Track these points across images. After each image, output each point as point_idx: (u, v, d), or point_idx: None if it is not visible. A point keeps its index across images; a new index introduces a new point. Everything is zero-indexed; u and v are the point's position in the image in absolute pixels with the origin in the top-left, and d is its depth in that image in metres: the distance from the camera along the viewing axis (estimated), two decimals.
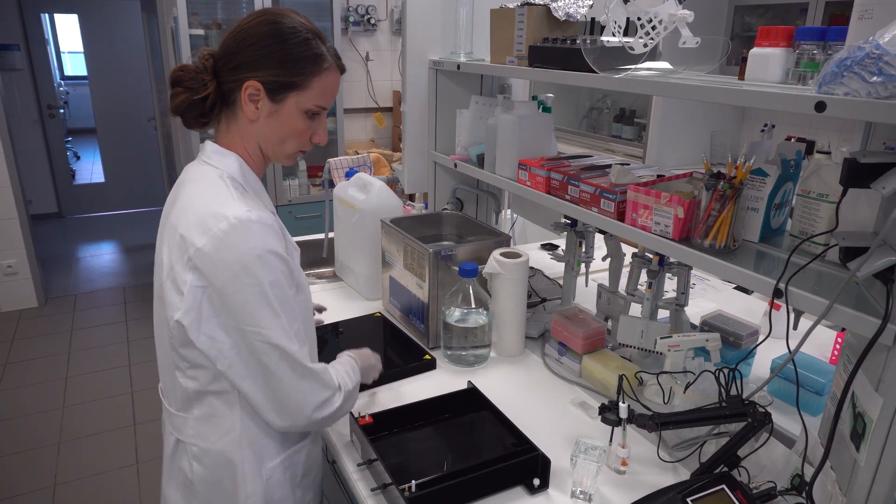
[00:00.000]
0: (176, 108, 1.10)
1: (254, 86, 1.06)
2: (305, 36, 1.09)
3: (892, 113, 0.84)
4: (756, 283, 1.08)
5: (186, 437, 1.14)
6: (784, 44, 1.16)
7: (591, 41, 1.40)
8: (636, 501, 1.16)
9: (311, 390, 1.09)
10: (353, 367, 1.27)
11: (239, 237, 0.99)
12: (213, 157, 1.11)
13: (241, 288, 0.99)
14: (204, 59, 1.09)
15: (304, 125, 1.12)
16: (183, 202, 1.07)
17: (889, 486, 0.91)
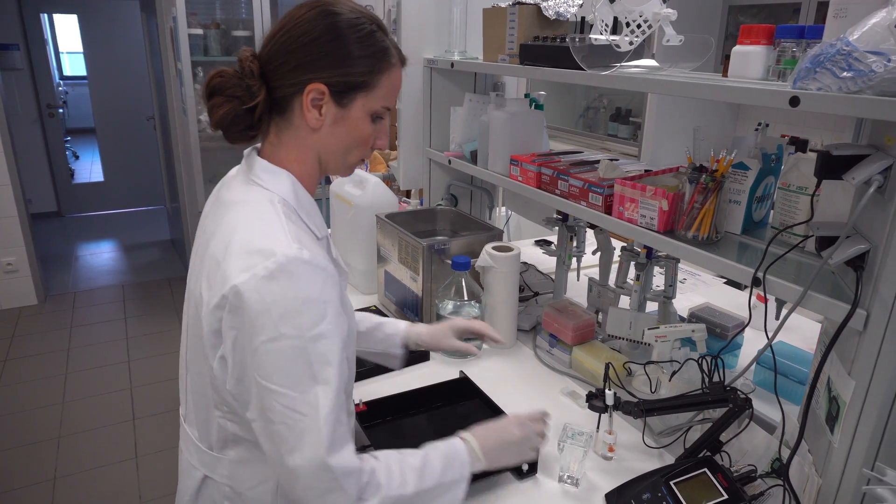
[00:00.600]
0: (219, 121, 0.94)
1: (318, 89, 0.92)
2: (370, 28, 0.96)
3: (861, 107, 0.88)
4: (736, 273, 1.11)
5: (219, 476, 1.03)
6: (765, 42, 1.20)
7: (580, 39, 1.44)
8: (621, 485, 1.20)
9: (322, 492, 0.89)
10: (450, 459, 1.02)
11: (285, 278, 0.85)
12: (264, 177, 0.96)
13: (276, 338, 0.85)
14: (247, 62, 0.94)
15: (370, 130, 0.99)
16: (226, 230, 0.92)
17: (861, 465, 0.94)
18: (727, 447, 1.25)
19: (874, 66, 0.87)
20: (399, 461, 0.97)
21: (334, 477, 0.88)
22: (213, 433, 1.01)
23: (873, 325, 0.91)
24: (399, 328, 1.39)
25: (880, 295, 0.89)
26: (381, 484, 0.92)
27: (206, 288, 0.92)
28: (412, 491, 0.94)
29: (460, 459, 1.03)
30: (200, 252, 0.98)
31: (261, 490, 1.01)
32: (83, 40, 6.21)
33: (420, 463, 0.98)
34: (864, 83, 0.88)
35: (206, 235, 0.98)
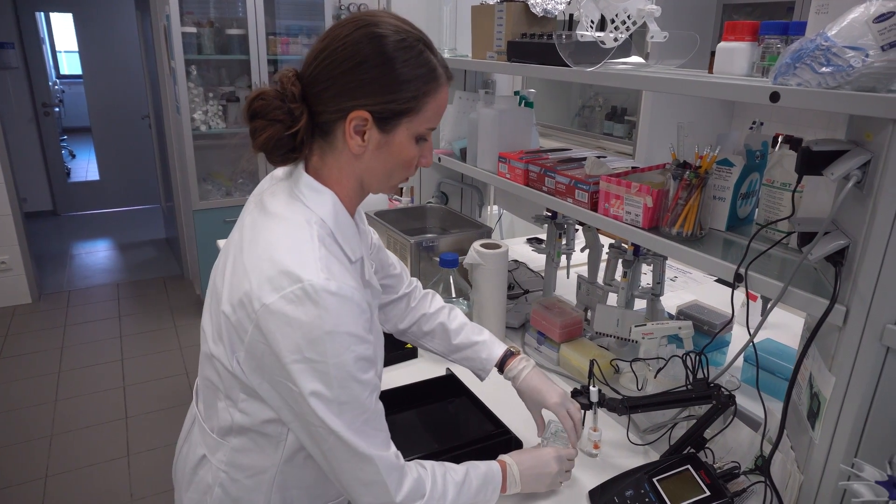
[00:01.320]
0: (262, 145, 0.92)
1: (361, 116, 0.90)
2: (418, 48, 0.91)
3: (840, 102, 0.88)
4: (719, 269, 1.11)
5: (216, 460, 1.04)
6: (749, 38, 1.20)
7: (567, 36, 1.44)
8: (605, 482, 1.20)
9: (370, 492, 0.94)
10: (487, 481, 1.07)
11: (310, 307, 0.85)
12: (308, 194, 0.95)
13: (301, 360, 0.86)
14: (289, 83, 0.91)
15: (414, 153, 0.97)
16: (262, 244, 0.92)
17: (841, 461, 0.94)
18: (712, 444, 1.25)
19: (852, 61, 0.87)
20: (443, 474, 1.02)
21: (377, 471, 0.92)
22: (217, 419, 1.03)
23: (852, 321, 0.91)
24: (494, 356, 1.31)
25: (859, 290, 0.89)
26: (426, 492, 0.98)
27: (230, 292, 0.93)
28: (450, 502, 1.00)
29: (495, 483, 1.09)
30: (234, 252, 0.97)
31: (257, 480, 1.02)
32: (78, 39, 6.21)
33: (461, 479, 1.04)
34: (843, 78, 0.88)
35: (241, 237, 0.97)
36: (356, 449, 0.91)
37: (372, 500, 0.94)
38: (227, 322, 0.93)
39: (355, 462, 0.92)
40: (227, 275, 0.96)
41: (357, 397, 0.90)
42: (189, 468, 1.09)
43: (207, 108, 3.87)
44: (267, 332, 0.88)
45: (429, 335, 1.34)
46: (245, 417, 0.99)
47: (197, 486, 1.07)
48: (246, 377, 0.94)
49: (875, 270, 0.86)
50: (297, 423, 0.93)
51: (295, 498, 1.06)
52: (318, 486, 1.07)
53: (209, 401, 1.05)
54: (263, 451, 1.01)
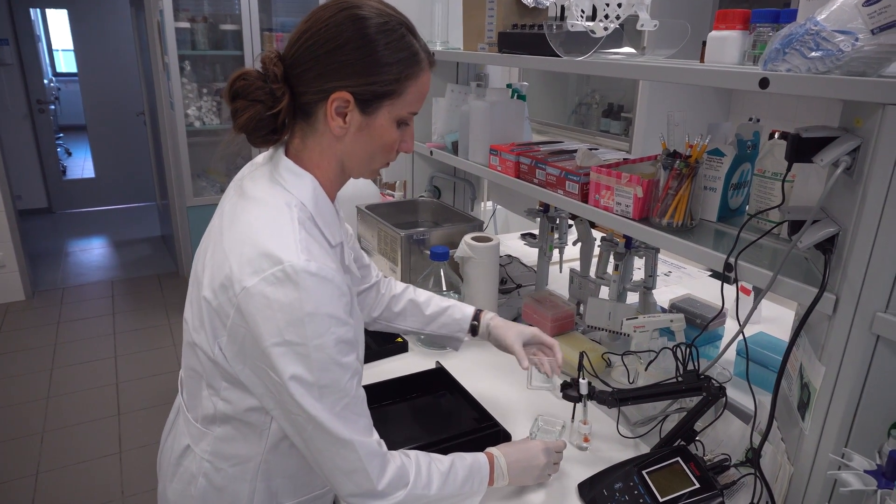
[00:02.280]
0: (242, 125, 0.92)
1: (342, 97, 0.90)
2: (399, 32, 0.92)
3: (829, 87, 0.86)
4: (709, 259, 1.10)
5: (200, 450, 1.03)
6: (740, 27, 1.18)
7: (557, 26, 1.42)
8: (594, 475, 1.19)
9: (351, 481, 0.92)
10: (473, 472, 1.05)
11: (290, 289, 0.85)
12: (287, 178, 0.95)
13: (281, 343, 0.86)
14: (271, 64, 0.91)
15: (395, 136, 0.97)
16: (241, 227, 0.92)
17: (831, 452, 0.93)
18: (704, 437, 1.24)
19: (842, 45, 0.85)
20: (428, 464, 1.01)
21: (358, 457, 0.91)
22: (201, 409, 1.02)
23: (842, 309, 0.89)
24: (468, 314, 1.37)
25: (849, 278, 0.88)
26: (409, 481, 0.96)
27: (209, 278, 0.92)
28: (434, 493, 0.99)
29: (481, 475, 1.07)
30: (214, 238, 0.97)
31: (241, 469, 1.02)
32: (73, 36, 6.18)
33: (446, 469, 1.02)
34: (833, 63, 0.87)
35: (221, 223, 0.97)
36: (336, 434, 0.89)
37: (354, 489, 0.93)
38: (208, 308, 0.93)
39: (336, 448, 0.90)
40: (207, 261, 0.95)
41: (338, 381, 0.89)
42: (173, 459, 1.08)
43: (201, 103, 3.86)
44: (248, 316, 0.87)
45: (401, 314, 1.36)
46: (228, 406, 0.98)
47: (181, 476, 1.06)
48: (228, 364, 0.93)
49: (865, 258, 0.85)
50: (278, 411, 0.92)
51: (280, 487, 1.05)
52: (302, 476, 1.06)
53: (193, 390, 1.04)
54: (247, 440, 1.00)
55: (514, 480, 1.12)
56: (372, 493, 0.93)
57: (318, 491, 1.11)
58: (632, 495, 1.09)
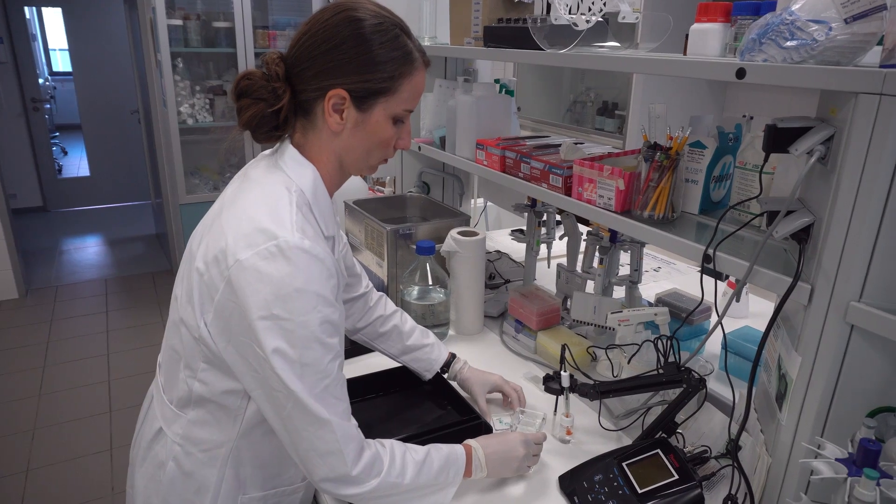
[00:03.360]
0: (246, 122, 0.97)
1: (339, 94, 0.95)
2: (393, 33, 0.96)
3: (804, 77, 0.86)
4: (688, 250, 1.10)
5: (172, 433, 1.04)
6: (722, 19, 1.18)
7: (541, 20, 1.42)
8: (575, 467, 1.18)
9: (326, 463, 0.93)
10: (449, 462, 1.05)
11: (282, 263, 0.87)
12: (290, 165, 0.99)
13: (268, 317, 0.87)
14: (273, 65, 0.96)
15: (391, 133, 1.01)
16: (240, 205, 0.95)
17: (807, 441, 0.93)
18: (685, 429, 1.24)
19: (816, 34, 0.86)
20: (402, 453, 1.01)
21: (336, 439, 0.92)
22: (177, 390, 1.03)
23: (817, 299, 0.89)
24: (441, 358, 1.42)
25: (823, 268, 0.88)
26: (383, 469, 0.97)
27: (204, 251, 0.95)
28: (408, 482, 0.99)
29: (457, 465, 1.07)
30: (212, 216, 1.01)
31: (211, 455, 1.03)
32: (68, 34, 6.17)
33: (421, 458, 1.03)
34: (808, 52, 0.87)
35: (222, 203, 1.01)
36: (315, 413, 0.90)
37: (328, 472, 0.93)
38: (199, 280, 0.95)
39: (314, 428, 0.91)
40: (203, 236, 0.98)
41: (319, 360, 0.91)
42: (145, 444, 1.09)
43: (194, 101, 3.85)
44: (238, 289, 0.89)
45: (383, 336, 1.39)
46: (204, 388, 0.99)
47: (151, 461, 1.08)
48: (213, 341, 0.95)
49: (839, 247, 0.85)
50: (259, 391, 0.93)
51: (249, 476, 1.06)
52: (272, 467, 1.07)
53: (170, 372, 1.05)
54: (220, 425, 1.01)
55: (493, 472, 1.12)
56: (345, 478, 0.93)
57: (286, 486, 1.11)
58: (611, 487, 1.09)
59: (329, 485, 0.94)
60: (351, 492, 0.95)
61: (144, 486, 1.08)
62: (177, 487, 1.05)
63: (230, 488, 1.05)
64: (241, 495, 1.06)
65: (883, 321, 0.81)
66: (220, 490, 1.04)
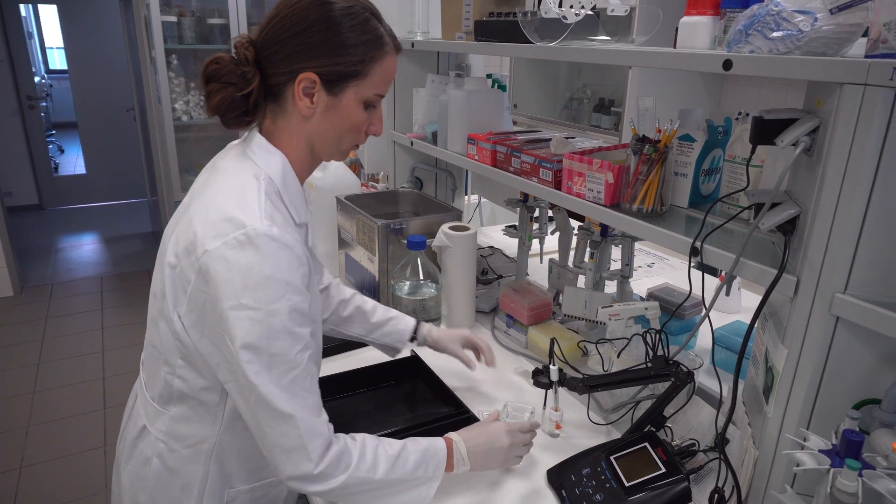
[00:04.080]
0: (215, 107, 0.95)
1: (309, 78, 0.94)
2: (364, 16, 0.96)
3: (790, 68, 0.86)
4: (675, 243, 1.10)
5: (156, 430, 1.04)
6: (711, 12, 1.18)
7: (531, 13, 1.42)
8: (563, 461, 1.18)
9: (290, 460, 0.91)
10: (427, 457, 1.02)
11: (250, 251, 0.87)
12: (258, 153, 0.98)
13: (237, 307, 0.86)
14: (243, 49, 0.95)
15: (362, 117, 1.00)
16: (208, 195, 0.94)
17: (794, 434, 0.93)
18: (675, 423, 1.24)
19: (801, 25, 0.85)
20: (374, 447, 0.99)
21: (299, 434, 0.90)
22: (158, 387, 1.03)
23: (803, 291, 0.89)
24: (409, 325, 1.41)
25: (809, 260, 0.88)
26: (351, 464, 0.94)
27: (175, 243, 0.94)
28: (380, 477, 0.96)
29: (437, 459, 1.04)
30: (182, 209, 1.00)
31: (195, 450, 1.02)
32: (63, 32, 6.15)
33: (395, 452, 1.00)
34: (793, 43, 0.87)
35: (191, 196, 1.01)
36: (278, 407, 0.88)
37: (292, 470, 0.91)
38: (171, 274, 0.94)
39: (277, 423, 0.89)
40: (174, 230, 0.97)
41: (288, 350, 0.89)
42: (129, 441, 1.09)
43: (189, 98, 3.84)
44: (208, 279, 0.88)
45: (348, 319, 1.37)
46: (183, 384, 0.99)
47: (136, 458, 1.07)
48: (186, 334, 0.94)
49: (824, 238, 0.85)
50: (232, 383, 0.93)
51: (234, 470, 1.05)
52: (257, 460, 1.06)
53: (152, 369, 1.05)
54: (202, 421, 1.01)
55: (477, 465, 1.09)
56: (309, 477, 0.91)
57: (272, 478, 1.11)
58: (599, 480, 1.09)
59: (295, 483, 0.92)
60: (317, 489, 0.93)
61: (130, 484, 1.08)
62: (163, 484, 1.04)
63: (216, 483, 1.04)
64: (227, 489, 1.06)
65: (867, 312, 0.81)
66: (205, 485, 1.04)
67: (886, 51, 0.78)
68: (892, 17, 0.77)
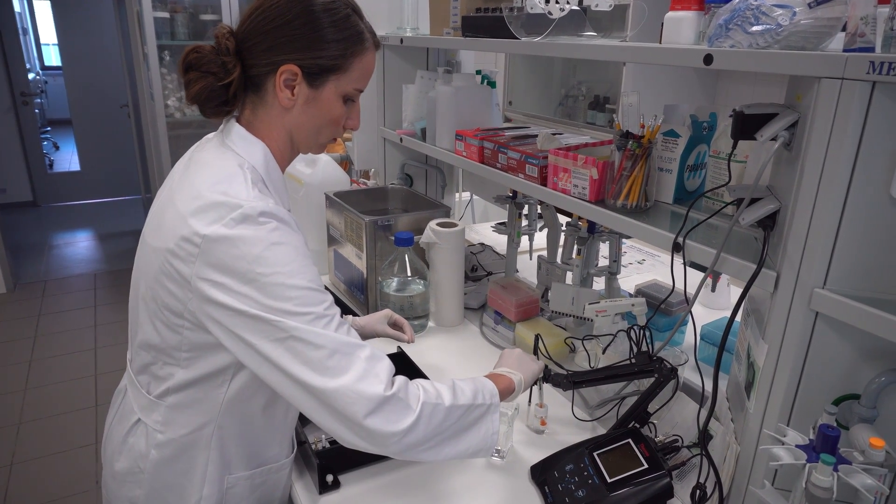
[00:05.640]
0: (194, 95, 0.96)
1: (290, 70, 0.95)
2: (345, 12, 0.98)
3: (769, 62, 0.86)
4: (658, 239, 1.10)
5: (152, 421, 1.02)
6: (696, 7, 1.17)
7: (518, 10, 1.41)
8: (547, 457, 1.18)
9: (359, 395, 0.86)
10: (477, 386, 1.02)
11: (252, 225, 0.87)
12: (238, 143, 0.98)
13: (255, 278, 0.86)
14: (224, 39, 0.95)
15: (341, 111, 1.02)
16: (193, 186, 0.93)
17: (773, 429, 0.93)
18: (661, 419, 1.24)
19: (780, 19, 0.85)
20: (429, 381, 0.98)
21: (363, 360, 0.88)
22: (157, 382, 1.02)
23: (783, 286, 0.89)
24: None
25: (788, 255, 0.88)
26: (420, 393, 0.92)
27: (167, 240, 0.92)
28: (448, 404, 0.95)
29: (488, 387, 1.04)
30: (163, 204, 0.98)
31: (195, 437, 1.01)
32: (57, 28, 6.12)
33: (450, 383, 1.00)
34: (773, 38, 0.87)
35: (171, 190, 0.99)
36: (333, 345, 0.87)
37: (362, 408, 0.86)
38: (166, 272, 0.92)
39: (336, 361, 0.87)
40: (160, 227, 0.95)
41: (318, 305, 0.88)
42: (119, 437, 1.07)
43: (182, 94, 3.83)
44: (216, 265, 0.87)
45: None
46: (187, 373, 0.98)
47: (128, 453, 1.05)
48: (191, 324, 0.93)
49: (803, 233, 0.85)
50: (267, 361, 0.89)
51: (234, 455, 1.05)
52: (257, 444, 1.06)
53: (149, 368, 1.02)
54: (201, 405, 1.00)
55: (528, 378, 1.15)
56: (391, 401, 0.88)
57: (272, 463, 1.10)
58: (581, 476, 1.08)
59: (377, 420, 0.86)
60: (397, 427, 0.88)
61: (123, 481, 1.06)
62: (162, 474, 1.03)
63: (216, 469, 1.03)
64: (227, 475, 1.05)
65: (846, 307, 0.81)
66: (206, 472, 1.03)
67: (864, 44, 0.78)
68: (868, 10, 0.77)
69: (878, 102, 0.75)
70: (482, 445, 1.00)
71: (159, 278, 0.94)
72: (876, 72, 0.73)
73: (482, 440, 1.00)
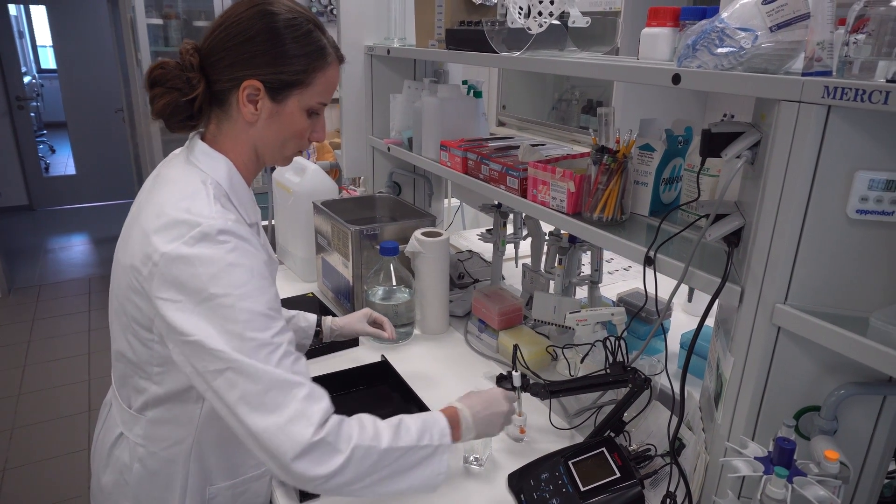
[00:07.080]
0: (159, 111, 0.98)
1: (253, 85, 0.97)
2: (307, 28, 0.99)
3: (733, 84, 0.88)
4: (631, 252, 1.12)
5: (134, 435, 1.05)
6: (671, 24, 1.20)
7: (499, 24, 1.44)
8: (524, 466, 1.20)
9: (287, 435, 0.85)
10: (427, 425, 0.99)
11: (209, 245, 0.88)
12: (201, 159, 1.00)
13: (208, 298, 0.87)
14: (188, 55, 0.97)
15: (305, 125, 1.04)
16: (157, 203, 0.95)
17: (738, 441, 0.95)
18: (636, 428, 1.26)
19: (743, 42, 0.87)
20: (372, 418, 0.96)
21: (297, 401, 0.87)
22: (135, 395, 1.04)
23: (747, 301, 0.91)
24: (311, 321, 1.45)
25: (752, 270, 0.90)
26: (353, 434, 0.90)
27: (133, 256, 0.94)
28: (385, 446, 0.92)
29: (440, 426, 1.01)
30: (131, 222, 1.01)
31: (175, 451, 1.04)
32: (52, 32, 6.14)
33: (395, 422, 0.97)
34: (736, 59, 0.89)
35: (139, 206, 1.02)
36: (269, 379, 0.87)
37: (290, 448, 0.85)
38: (133, 287, 0.94)
39: (272, 396, 0.86)
40: (128, 241, 0.98)
41: (264, 332, 0.88)
42: (105, 450, 1.10)
43: None
44: (173, 283, 0.89)
45: None
46: (162, 389, 1.00)
47: (114, 465, 1.08)
48: (162, 341, 0.94)
49: (765, 249, 0.87)
50: (209, 385, 0.89)
51: (214, 467, 1.07)
52: (237, 455, 1.09)
53: (127, 380, 1.06)
54: (179, 420, 1.03)
55: (482, 432, 1.08)
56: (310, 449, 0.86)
57: (252, 472, 1.13)
58: (556, 485, 1.11)
59: (303, 464, 0.85)
60: (321, 470, 0.86)
61: (110, 493, 1.09)
62: (145, 487, 1.06)
63: (197, 481, 1.06)
64: (208, 486, 1.08)
65: (804, 323, 0.83)
66: (187, 484, 1.06)
67: (821, 69, 0.81)
68: (825, 36, 0.80)
69: (833, 125, 0.78)
70: (425, 485, 0.98)
71: (127, 294, 0.96)
72: (830, 96, 0.75)
73: (425, 481, 0.97)
